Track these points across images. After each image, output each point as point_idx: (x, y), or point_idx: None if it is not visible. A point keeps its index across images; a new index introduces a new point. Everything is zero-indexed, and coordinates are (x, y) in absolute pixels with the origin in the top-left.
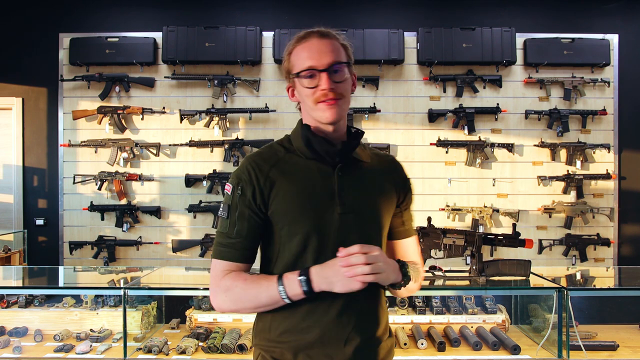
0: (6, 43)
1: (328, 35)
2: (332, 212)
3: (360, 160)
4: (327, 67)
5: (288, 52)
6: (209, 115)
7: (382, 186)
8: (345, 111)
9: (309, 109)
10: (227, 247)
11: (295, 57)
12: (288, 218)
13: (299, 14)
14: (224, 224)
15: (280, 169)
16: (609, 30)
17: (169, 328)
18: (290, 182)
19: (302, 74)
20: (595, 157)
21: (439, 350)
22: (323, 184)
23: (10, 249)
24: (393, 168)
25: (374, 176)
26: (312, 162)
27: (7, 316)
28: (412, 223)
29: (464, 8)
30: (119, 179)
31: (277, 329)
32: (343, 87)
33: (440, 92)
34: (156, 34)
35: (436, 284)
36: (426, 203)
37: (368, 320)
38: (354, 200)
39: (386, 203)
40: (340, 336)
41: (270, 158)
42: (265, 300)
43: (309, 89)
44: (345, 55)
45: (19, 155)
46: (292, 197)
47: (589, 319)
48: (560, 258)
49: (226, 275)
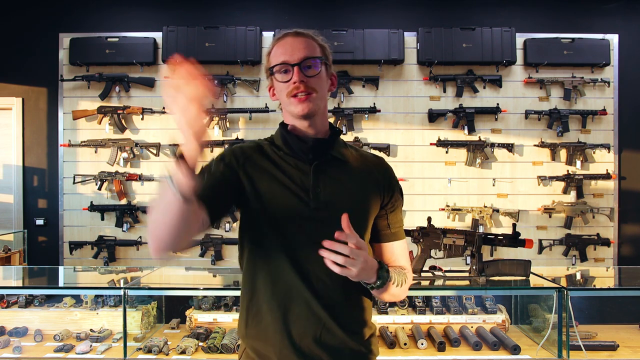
0: (6, 43)
1: (303, 34)
2: (305, 206)
3: (341, 160)
4: (299, 62)
5: (268, 52)
6: (208, 115)
7: (362, 185)
8: (319, 107)
9: (284, 104)
10: None
11: (272, 55)
12: (262, 205)
13: (299, 14)
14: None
15: (261, 158)
16: (609, 30)
17: (169, 328)
18: (267, 171)
19: (275, 69)
20: (595, 157)
21: (439, 350)
22: (298, 179)
23: (10, 249)
24: (378, 169)
25: (354, 175)
26: (290, 158)
27: (7, 316)
28: (399, 226)
29: (464, 8)
30: (119, 179)
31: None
32: (315, 82)
33: (440, 92)
34: (156, 34)
35: (436, 284)
36: (426, 203)
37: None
38: (329, 196)
39: (367, 203)
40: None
41: (254, 147)
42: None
43: (282, 84)
44: (320, 53)
45: (19, 155)
46: (267, 184)
47: (589, 319)
48: (560, 258)
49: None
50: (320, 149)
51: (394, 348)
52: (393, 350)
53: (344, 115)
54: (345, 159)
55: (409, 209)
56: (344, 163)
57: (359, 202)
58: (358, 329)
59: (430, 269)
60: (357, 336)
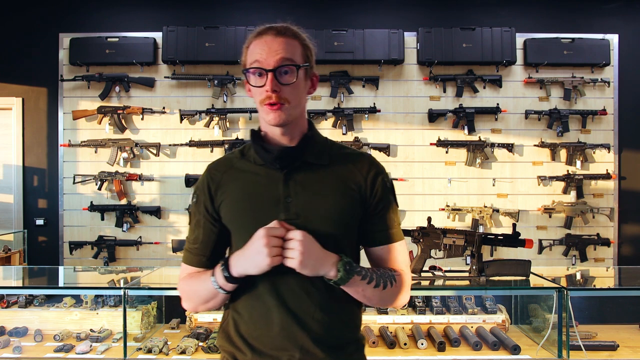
0: (6, 43)
1: (285, 33)
2: (275, 217)
3: (316, 164)
4: (274, 67)
5: (246, 45)
6: (209, 115)
7: (341, 191)
8: (292, 115)
9: (257, 108)
10: (188, 252)
11: (249, 51)
12: (235, 224)
13: (299, 14)
14: (189, 230)
15: (230, 175)
16: (609, 30)
17: (169, 328)
18: (237, 188)
19: (250, 71)
20: (595, 157)
21: (439, 350)
22: (269, 190)
23: (10, 249)
24: (361, 169)
25: (331, 180)
26: (261, 167)
27: (7, 316)
28: (391, 228)
29: (464, 8)
30: (119, 179)
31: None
32: (290, 91)
33: (440, 92)
34: (156, 34)
35: (436, 284)
36: (426, 203)
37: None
38: (301, 206)
39: (345, 209)
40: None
41: (225, 165)
42: (205, 293)
43: (257, 88)
44: (301, 56)
45: (19, 155)
46: (237, 202)
47: (589, 319)
48: (560, 258)
49: (183, 277)
50: (290, 157)
51: (394, 348)
52: (393, 350)
53: (344, 115)
54: (322, 162)
55: (409, 209)
56: (319, 167)
57: (335, 209)
58: (340, 345)
59: (430, 269)
60: (340, 353)
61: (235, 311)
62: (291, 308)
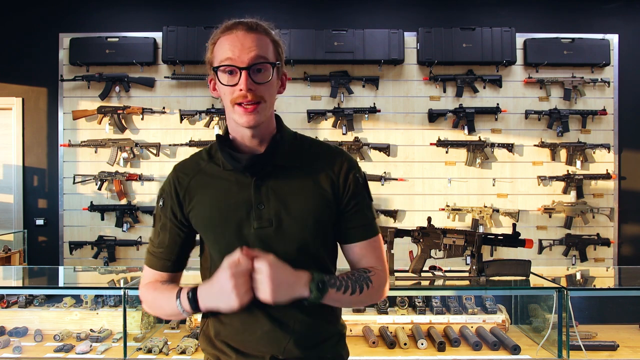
0: (6, 43)
1: (256, 29)
2: (249, 226)
3: (284, 167)
4: (248, 65)
5: (213, 40)
6: (209, 115)
7: (312, 191)
8: (265, 116)
9: (227, 109)
10: (151, 255)
11: (217, 47)
12: (207, 233)
13: (299, 14)
14: (152, 233)
15: (199, 180)
16: (609, 30)
17: (169, 328)
18: (207, 194)
19: (221, 69)
20: (595, 157)
21: (439, 350)
22: (240, 196)
23: (10, 249)
24: (332, 165)
25: (302, 181)
26: (230, 172)
27: (7, 316)
28: (366, 223)
29: (464, 8)
30: (119, 179)
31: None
32: (265, 90)
33: (440, 92)
34: (156, 34)
35: (436, 284)
36: (426, 203)
37: (306, 333)
38: (273, 212)
39: (316, 210)
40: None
41: (192, 168)
42: (170, 310)
43: (226, 87)
44: (273, 54)
45: (19, 155)
46: (208, 211)
47: (589, 319)
48: (560, 258)
49: (146, 283)
50: (259, 164)
51: (394, 348)
52: (393, 350)
53: (344, 115)
54: (293, 164)
55: (409, 209)
56: (290, 169)
57: (308, 212)
58: (320, 341)
59: (430, 269)
60: (320, 349)
61: (216, 318)
62: (275, 316)
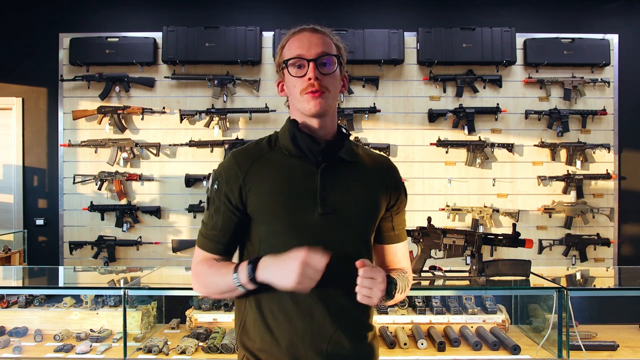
0: (6, 43)
1: (321, 31)
2: (312, 212)
3: (347, 161)
4: (315, 57)
5: (281, 45)
6: (209, 115)
7: (370, 188)
8: (331, 107)
9: (295, 101)
10: (204, 238)
11: (286, 48)
12: (267, 216)
13: (299, 14)
14: (205, 216)
15: (261, 166)
16: (609, 30)
17: (169, 328)
18: (269, 179)
19: (290, 62)
20: (595, 157)
21: (439, 350)
22: (305, 183)
23: (10, 249)
24: (385, 170)
25: (362, 177)
26: (295, 159)
27: (7, 316)
28: (403, 227)
29: (464, 8)
30: (119, 179)
31: (259, 338)
32: (329, 81)
33: (440, 92)
34: (156, 34)
35: (436, 284)
36: (426, 203)
37: (354, 324)
38: (337, 200)
39: (374, 205)
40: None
41: (253, 154)
42: (224, 286)
43: (295, 78)
44: (336, 51)
45: (19, 155)
46: (271, 194)
47: (589, 319)
48: (560, 258)
49: (200, 261)
50: (333, 150)
51: (394, 348)
52: (393, 350)
53: (344, 115)
54: (354, 160)
55: (409, 209)
56: (351, 164)
57: (367, 205)
58: (364, 334)
59: (430, 269)
60: (363, 342)
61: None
62: (322, 310)
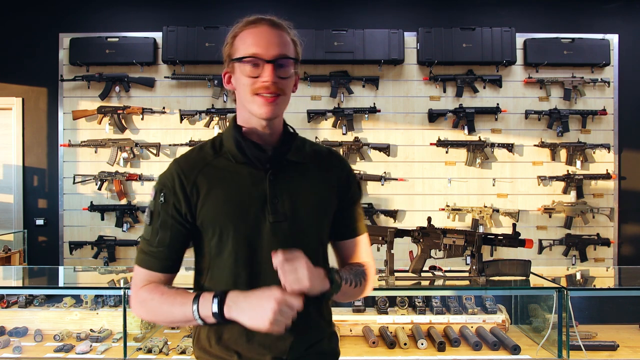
0: (6, 43)
1: (280, 27)
2: (264, 221)
3: (295, 162)
4: (273, 59)
5: (233, 34)
6: (209, 115)
7: (320, 188)
8: (282, 110)
9: (244, 100)
10: (148, 255)
11: (240, 40)
12: (217, 228)
13: (299, 14)
14: (147, 231)
15: (208, 175)
16: (609, 30)
17: (169, 328)
18: (218, 189)
19: (244, 60)
20: (595, 157)
21: (439, 350)
22: (254, 190)
23: (10, 249)
24: (335, 165)
25: (312, 177)
26: (242, 166)
27: (7, 316)
28: (359, 220)
29: (464, 8)
30: (119, 179)
31: (219, 342)
32: (285, 84)
33: (440, 92)
34: (156, 34)
35: (436, 284)
36: (426, 203)
37: (311, 328)
38: (288, 206)
39: (325, 205)
40: (281, 347)
41: (197, 163)
42: (179, 317)
43: (249, 78)
44: (294, 51)
45: (19, 155)
46: (220, 205)
47: (589, 319)
48: (560, 258)
49: (145, 286)
50: (280, 156)
51: (394, 348)
52: (393, 350)
53: (344, 115)
54: (302, 160)
55: (409, 209)
56: (300, 165)
57: (318, 207)
58: (321, 337)
59: (430, 269)
60: (321, 344)
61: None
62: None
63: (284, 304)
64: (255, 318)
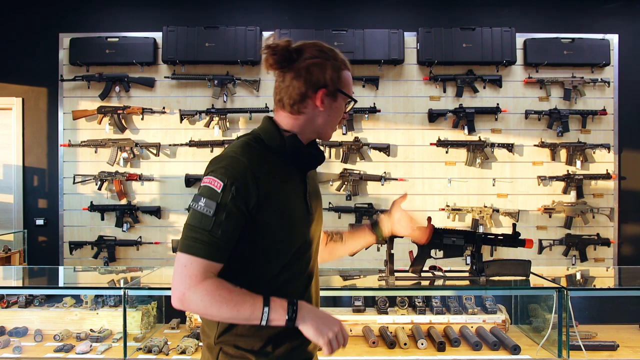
0: (6, 43)
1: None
2: (307, 212)
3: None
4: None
5: (336, 67)
6: (209, 115)
7: (317, 184)
8: None
9: (327, 123)
10: (209, 246)
11: (345, 80)
12: (285, 224)
13: (299, 14)
14: (207, 221)
15: (268, 172)
16: (609, 30)
17: (169, 328)
18: (277, 185)
19: (349, 100)
20: (595, 157)
21: (439, 350)
22: (299, 189)
23: (10, 249)
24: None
25: (315, 177)
26: (285, 164)
27: (7, 316)
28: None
29: (464, 8)
30: (119, 179)
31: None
32: None
33: (440, 92)
34: (156, 34)
35: (436, 284)
36: (426, 203)
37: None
38: (313, 205)
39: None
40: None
41: (259, 158)
42: (244, 315)
43: (342, 113)
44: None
45: (19, 155)
46: (282, 202)
47: (589, 319)
48: (560, 258)
49: (209, 278)
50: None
51: (394, 348)
52: (393, 350)
53: None
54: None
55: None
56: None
57: (321, 202)
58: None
59: (430, 269)
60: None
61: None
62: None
63: (343, 331)
64: (320, 331)
